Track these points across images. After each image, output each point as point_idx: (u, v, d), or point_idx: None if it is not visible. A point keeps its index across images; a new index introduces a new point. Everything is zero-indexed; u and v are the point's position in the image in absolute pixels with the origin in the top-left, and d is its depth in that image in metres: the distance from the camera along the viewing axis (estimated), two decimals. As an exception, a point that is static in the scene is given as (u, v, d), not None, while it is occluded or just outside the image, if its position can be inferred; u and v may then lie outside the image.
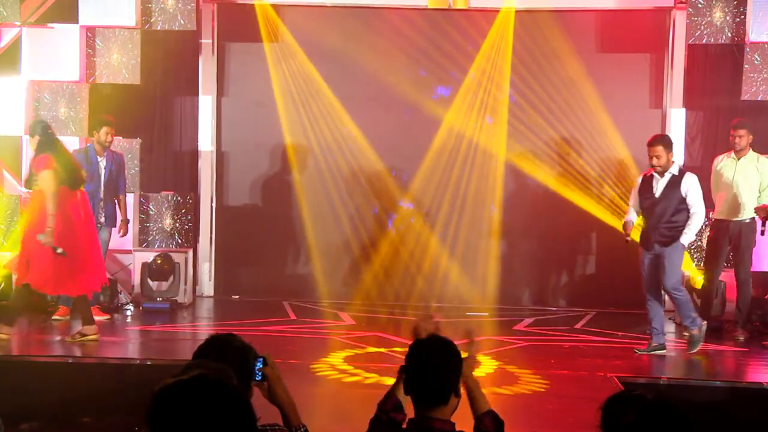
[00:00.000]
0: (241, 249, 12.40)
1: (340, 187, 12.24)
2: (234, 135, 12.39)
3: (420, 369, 3.67)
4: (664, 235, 9.14)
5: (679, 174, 9.23)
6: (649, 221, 9.26)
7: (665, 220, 9.16)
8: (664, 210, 9.17)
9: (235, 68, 12.41)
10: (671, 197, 9.17)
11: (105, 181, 10.40)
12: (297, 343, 9.60)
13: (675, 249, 9.13)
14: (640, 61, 12.07)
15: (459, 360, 3.71)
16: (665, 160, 9.15)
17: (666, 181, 9.22)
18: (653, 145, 9.20)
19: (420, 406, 3.65)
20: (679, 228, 9.09)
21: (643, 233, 9.34)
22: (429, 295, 11.91)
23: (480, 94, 12.06)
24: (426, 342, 3.76)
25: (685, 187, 9.16)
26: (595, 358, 9.10)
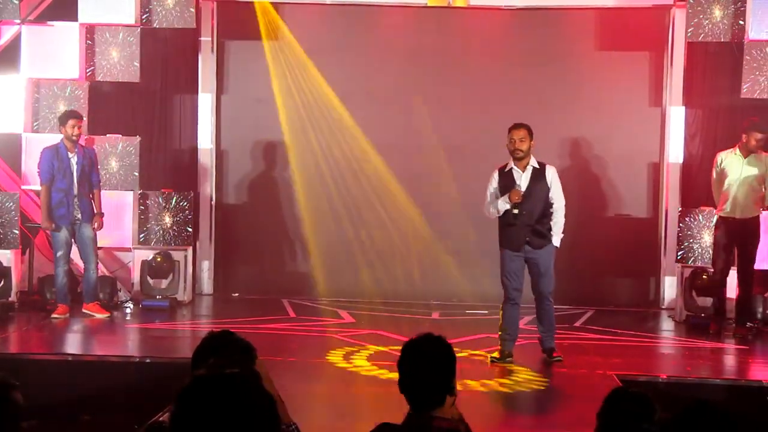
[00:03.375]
0: (240, 247, 12.40)
1: (339, 184, 12.24)
2: (233, 133, 12.39)
3: (413, 371, 3.65)
4: (537, 235, 8.60)
5: (540, 166, 8.69)
6: (514, 220, 8.57)
7: (536, 218, 8.58)
8: (533, 207, 8.58)
9: (235, 66, 12.40)
10: (538, 192, 8.61)
11: (78, 177, 10.33)
12: (296, 341, 9.61)
13: (549, 253, 8.65)
14: (639, 59, 12.07)
15: (452, 359, 3.68)
16: (528, 146, 8.58)
17: (529, 175, 8.66)
18: (517, 128, 8.62)
19: (416, 407, 3.63)
20: (549, 225, 8.61)
21: (510, 234, 8.64)
22: (428, 293, 11.91)
23: (478, 91, 12.05)
24: (419, 342, 3.72)
25: (550, 179, 8.63)
26: (594, 356, 9.11)
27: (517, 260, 8.66)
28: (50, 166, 10.28)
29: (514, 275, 8.69)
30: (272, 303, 11.52)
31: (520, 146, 8.58)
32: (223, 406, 2.30)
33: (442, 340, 3.72)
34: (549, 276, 8.71)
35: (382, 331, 9.94)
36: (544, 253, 8.64)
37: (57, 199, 10.28)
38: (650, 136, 11.98)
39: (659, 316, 11.54)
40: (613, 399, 3.89)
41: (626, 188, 12.08)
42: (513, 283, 8.70)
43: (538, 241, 8.61)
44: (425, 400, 3.61)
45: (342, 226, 12.23)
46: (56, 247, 10.36)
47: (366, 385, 7.82)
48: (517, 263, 8.67)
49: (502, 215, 8.68)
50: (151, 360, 8.43)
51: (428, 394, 3.60)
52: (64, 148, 10.31)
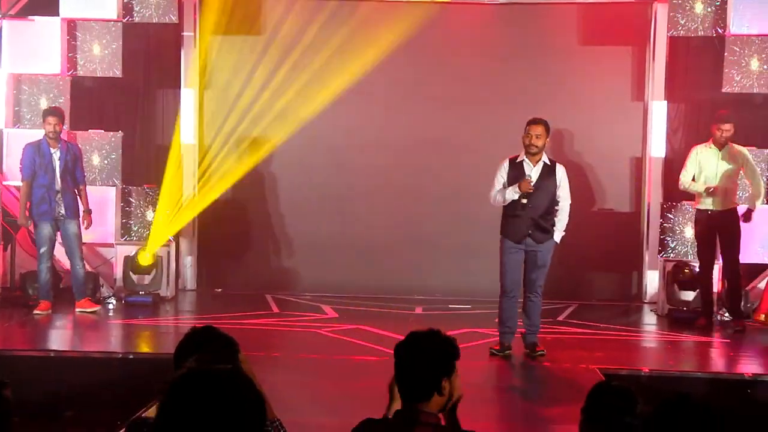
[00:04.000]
0: (223, 242, 12.37)
1: (322, 179, 12.22)
2: (216, 128, 12.35)
3: (405, 360, 3.66)
4: (540, 230, 8.66)
5: (551, 163, 8.80)
6: (520, 212, 8.63)
7: (541, 213, 8.65)
8: (539, 202, 8.65)
9: (218, 61, 12.36)
10: (547, 188, 8.69)
11: (60, 173, 10.29)
12: (280, 336, 9.61)
13: (549, 248, 8.71)
14: (621, 54, 12.09)
15: (445, 359, 3.67)
16: (543, 143, 8.66)
17: (540, 169, 8.72)
18: (536, 123, 8.70)
19: (406, 398, 3.65)
20: (553, 222, 8.70)
21: (513, 224, 8.68)
22: (411, 288, 11.91)
23: (461, 86, 12.06)
24: (419, 335, 3.72)
25: (559, 177, 8.74)
26: (577, 350, 9.14)
27: (517, 253, 8.69)
28: (32, 162, 10.24)
29: (513, 268, 8.73)
30: (255, 298, 11.52)
31: (536, 142, 8.63)
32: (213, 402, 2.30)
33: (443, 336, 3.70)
34: (543, 270, 8.76)
35: (365, 326, 9.94)
36: (544, 248, 8.70)
37: (39, 195, 10.24)
38: (633, 130, 12.01)
39: (642, 310, 11.59)
40: (596, 393, 3.92)
41: (609, 183, 12.11)
42: (511, 275, 8.73)
43: (541, 235, 8.66)
44: (416, 392, 3.62)
45: (325, 221, 12.22)
46: (39, 243, 10.32)
47: (350, 380, 7.83)
48: (517, 256, 8.70)
49: (508, 205, 8.70)
50: (134, 356, 8.42)
51: (416, 385, 3.62)
52: (46, 144, 10.27)
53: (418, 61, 12.14)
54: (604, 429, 3.84)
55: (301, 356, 8.68)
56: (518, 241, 8.67)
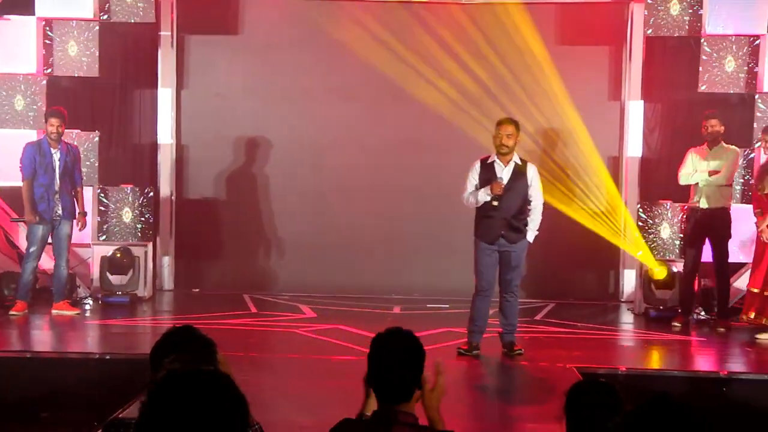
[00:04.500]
0: (201, 242, 12.35)
1: (300, 179, 12.21)
2: (194, 128, 12.33)
3: (381, 365, 3.66)
4: (513, 230, 8.64)
5: (522, 163, 8.78)
6: (493, 212, 8.62)
7: (514, 213, 8.65)
8: (512, 202, 8.64)
9: (195, 61, 12.33)
10: (518, 188, 8.68)
11: (60, 173, 10.29)
12: (258, 336, 9.59)
13: (523, 248, 8.71)
14: (598, 54, 12.14)
15: (421, 354, 3.69)
16: (514, 143, 8.65)
17: (511, 169, 8.71)
18: (506, 123, 8.72)
19: (383, 400, 3.65)
20: (526, 221, 8.68)
21: (487, 225, 8.68)
22: (390, 288, 11.92)
23: (441, 86, 12.07)
24: (387, 336, 3.74)
25: (531, 176, 8.72)
26: (555, 349, 9.16)
27: (492, 254, 8.69)
28: (32, 161, 10.25)
29: (488, 268, 8.72)
30: (233, 298, 11.49)
31: (507, 142, 8.64)
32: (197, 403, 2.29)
33: (412, 334, 3.75)
34: (519, 270, 8.78)
35: (343, 326, 9.93)
36: (518, 248, 8.69)
37: (38, 194, 10.26)
38: (610, 130, 12.06)
39: (619, 309, 11.63)
40: (576, 393, 3.92)
41: (586, 182, 12.14)
42: (486, 276, 8.73)
43: (514, 235, 8.66)
44: (392, 393, 3.63)
45: (304, 221, 12.22)
46: (31, 241, 10.29)
47: (328, 380, 7.82)
48: (491, 256, 8.69)
49: (480, 206, 8.70)
50: (111, 356, 8.38)
51: (396, 388, 3.63)
52: (46, 144, 10.30)
53: (394, 60, 12.12)
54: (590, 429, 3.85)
55: (278, 356, 8.66)
56: (492, 242, 8.67)
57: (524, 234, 8.69)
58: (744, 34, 11.12)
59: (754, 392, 7.86)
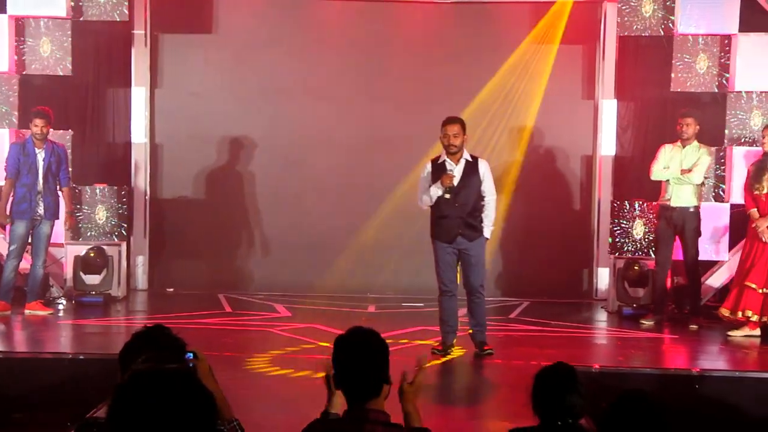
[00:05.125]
0: (175, 242, 12.32)
1: (275, 178, 12.20)
2: (168, 127, 12.29)
3: (347, 366, 3.67)
4: (469, 228, 8.64)
5: (473, 159, 8.78)
6: (448, 212, 8.64)
7: (469, 210, 8.65)
8: (466, 199, 8.66)
9: (169, 59, 12.29)
10: (471, 185, 8.69)
11: (43, 173, 10.27)
12: (232, 335, 9.57)
13: (481, 245, 8.72)
14: (572, 53, 12.18)
15: (384, 350, 3.71)
16: (461, 141, 8.66)
17: (462, 167, 8.72)
18: (451, 123, 8.68)
19: (352, 399, 3.66)
20: (481, 218, 8.68)
21: (443, 225, 8.71)
22: (364, 286, 11.92)
23: (413, 84, 12.09)
24: (349, 337, 3.75)
25: (482, 172, 8.72)
26: (528, 347, 9.19)
27: (451, 252, 8.70)
28: (16, 161, 10.24)
29: (448, 267, 8.73)
30: (208, 298, 11.47)
31: (454, 141, 8.64)
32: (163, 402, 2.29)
33: (372, 331, 3.77)
34: (480, 268, 8.76)
35: (318, 325, 9.93)
36: (477, 246, 8.69)
37: (20, 194, 10.23)
38: (583, 128, 12.11)
39: (592, 307, 11.69)
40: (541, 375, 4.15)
41: (559, 180, 12.19)
42: (448, 275, 8.74)
43: (471, 233, 8.66)
44: (361, 392, 3.64)
45: (279, 220, 12.20)
46: (12, 240, 10.26)
47: (303, 379, 7.81)
48: (450, 256, 8.71)
49: (435, 207, 8.71)
50: (84, 357, 8.33)
51: (365, 386, 3.64)
52: (31, 144, 10.28)
53: (371, 59, 12.14)
54: (551, 405, 4.04)
55: (253, 355, 8.64)
56: (450, 242, 8.68)
57: (481, 231, 8.70)
58: (716, 34, 11.19)
59: (726, 389, 7.91)
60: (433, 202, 8.69)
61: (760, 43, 11.14)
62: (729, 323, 9.91)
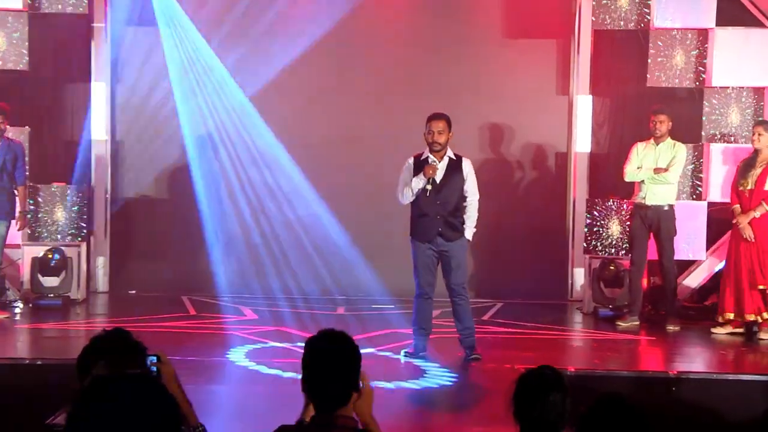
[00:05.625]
0: (137, 242, 12.26)
1: (241, 176, 12.15)
2: (129, 123, 12.22)
3: (316, 369, 3.65)
4: (450, 228, 8.64)
5: (456, 158, 8.78)
6: (428, 210, 8.65)
7: (450, 209, 8.65)
8: (447, 198, 8.66)
9: (130, 54, 12.22)
10: (454, 184, 8.69)
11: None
12: (196, 339, 9.54)
13: (462, 246, 8.71)
14: (546, 47, 12.22)
15: (356, 356, 3.69)
16: (446, 139, 8.65)
17: (445, 165, 8.71)
18: (437, 119, 8.70)
19: (320, 407, 3.64)
20: (462, 219, 8.69)
21: (422, 224, 8.71)
22: (333, 288, 11.91)
23: (384, 79, 12.09)
24: (320, 340, 3.72)
25: (466, 172, 8.73)
26: (503, 350, 9.22)
27: (429, 253, 8.68)
28: None
29: (427, 268, 8.71)
30: (171, 300, 11.41)
31: (438, 139, 8.62)
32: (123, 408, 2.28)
33: (345, 335, 3.74)
34: (461, 269, 8.76)
35: (285, 328, 9.93)
36: (457, 246, 8.67)
37: None
38: (557, 125, 12.15)
39: (568, 308, 11.73)
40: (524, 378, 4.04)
41: (534, 178, 12.23)
42: (425, 277, 8.72)
43: (451, 233, 8.65)
44: (329, 399, 3.62)
45: (244, 219, 12.15)
46: None
47: (269, 384, 7.80)
48: (429, 256, 8.68)
49: (415, 205, 8.69)
50: (42, 362, 8.28)
51: (332, 392, 3.62)
52: None
53: (339, 53, 12.12)
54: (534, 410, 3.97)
55: (217, 360, 8.62)
56: (429, 241, 8.66)
57: (462, 232, 8.68)
58: (693, 28, 11.26)
59: (704, 392, 7.97)
60: (414, 196, 8.66)
61: (737, 37, 11.22)
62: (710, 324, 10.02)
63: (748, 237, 9.78)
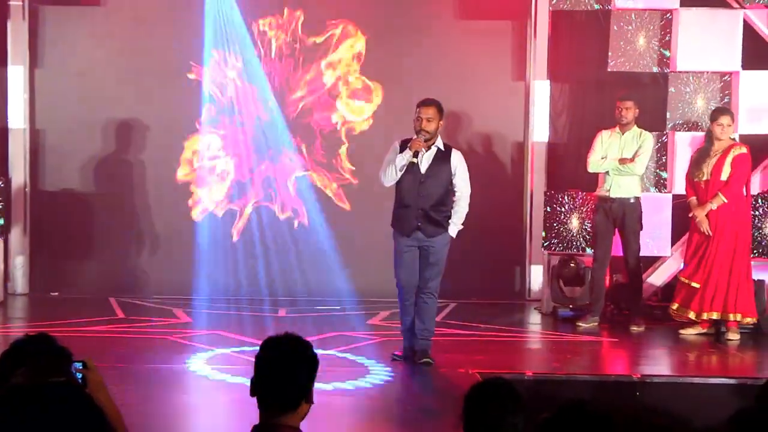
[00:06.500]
0: (61, 239, 12.13)
1: (171, 168, 12.06)
2: (52, 111, 12.09)
3: (269, 371, 3.66)
4: (431, 223, 8.64)
5: (446, 149, 8.78)
6: (410, 201, 8.64)
7: (433, 203, 8.63)
8: (431, 190, 8.64)
9: (52, 35, 12.08)
10: (439, 176, 8.67)
11: None
12: (125, 344, 9.48)
13: (443, 243, 8.71)
14: (501, 29, 12.24)
15: (314, 363, 3.71)
16: (436, 127, 8.65)
17: (432, 155, 8.71)
18: (427, 105, 8.71)
19: (266, 412, 3.63)
20: (447, 214, 8.69)
21: (402, 216, 8.71)
22: (274, 288, 11.87)
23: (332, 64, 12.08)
24: (277, 341, 3.73)
25: (455, 164, 8.71)
26: (455, 353, 9.24)
27: (411, 251, 8.67)
28: None
29: (408, 266, 8.70)
30: (98, 302, 11.32)
31: (428, 126, 8.58)
32: (44, 418, 2.26)
33: (305, 341, 3.75)
34: (438, 268, 8.74)
35: (222, 331, 9.88)
36: (437, 242, 8.65)
37: None
38: (513, 112, 12.19)
39: (525, 308, 11.79)
40: (474, 395, 3.99)
41: (488, 169, 12.26)
42: (406, 275, 8.71)
43: (432, 228, 8.63)
44: (277, 403, 3.63)
45: (178, 216, 12.07)
46: None
47: (204, 393, 7.77)
48: (411, 254, 8.68)
49: (398, 194, 8.67)
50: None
51: (283, 396, 3.63)
52: None
53: (279, 36, 12.07)
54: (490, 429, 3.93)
55: (149, 366, 8.56)
56: (408, 234, 8.64)
57: (445, 228, 8.67)
58: (656, 9, 11.32)
59: (670, 396, 8.05)
60: (399, 174, 8.57)
61: (703, 18, 11.27)
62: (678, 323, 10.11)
63: (705, 231, 9.89)
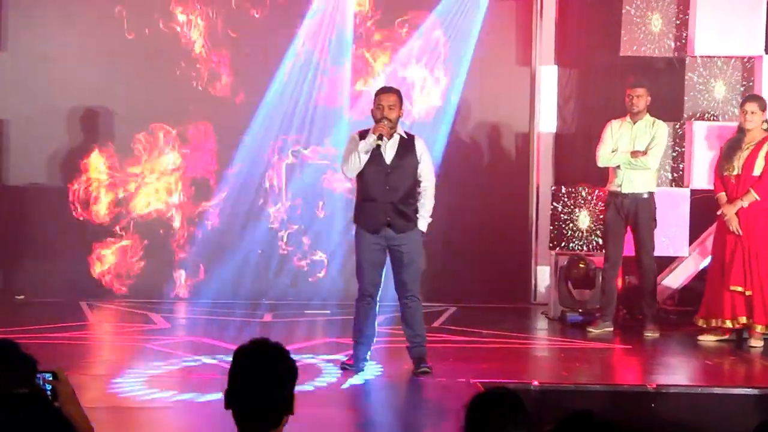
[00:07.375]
0: (26, 239, 12.14)
1: (153, 160, 12.05)
2: (16, 99, 12.09)
3: (244, 383, 3.63)
4: (401, 217, 8.59)
5: (408, 137, 8.73)
6: (376, 195, 8.58)
7: (401, 195, 8.59)
8: (399, 182, 8.60)
9: (15, 17, 12.08)
10: (406, 166, 8.64)
11: None
12: (96, 352, 9.47)
13: (414, 239, 8.65)
14: (504, 11, 12.23)
15: (293, 372, 3.68)
16: (397, 115, 8.58)
17: (396, 144, 8.66)
18: (387, 92, 8.68)
19: (244, 425, 3.60)
20: (416, 207, 8.64)
21: (368, 210, 8.66)
22: (258, 291, 11.86)
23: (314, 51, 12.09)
24: (252, 349, 3.69)
25: (419, 152, 8.66)
26: (456, 362, 9.23)
27: (376, 248, 8.61)
28: None
29: (372, 265, 8.64)
30: (67, 307, 11.31)
31: (389, 114, 8.51)
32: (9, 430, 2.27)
33: (280, 346, 3.72)
34: (414, 266, 8.70)
35: (202, 338, 9.88)
36: (408, 239, 8.60)
37: None
38: (518, 100, 12.18)
39: (531, 312, 11.78)
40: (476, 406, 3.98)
41: (490, 162, 12.27)
42: (370, 275, 8.64)
43: (402, 223, 8.58)
44: (257, 419, 3.60)
45: (155, 212, 12.06)
46: None
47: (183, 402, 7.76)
48: (376, 251, 8.61)
49: (361, 188, 8.64)
50: None
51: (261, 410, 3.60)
52: None
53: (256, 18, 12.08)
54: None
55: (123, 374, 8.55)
56: (376, 231, 8.58)
57: (415, 222, 8.62)
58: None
59: (687, 408, 8.03)
60: (363, 162, 8.51)
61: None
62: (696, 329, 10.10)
63: (735, 230, 9.84)
